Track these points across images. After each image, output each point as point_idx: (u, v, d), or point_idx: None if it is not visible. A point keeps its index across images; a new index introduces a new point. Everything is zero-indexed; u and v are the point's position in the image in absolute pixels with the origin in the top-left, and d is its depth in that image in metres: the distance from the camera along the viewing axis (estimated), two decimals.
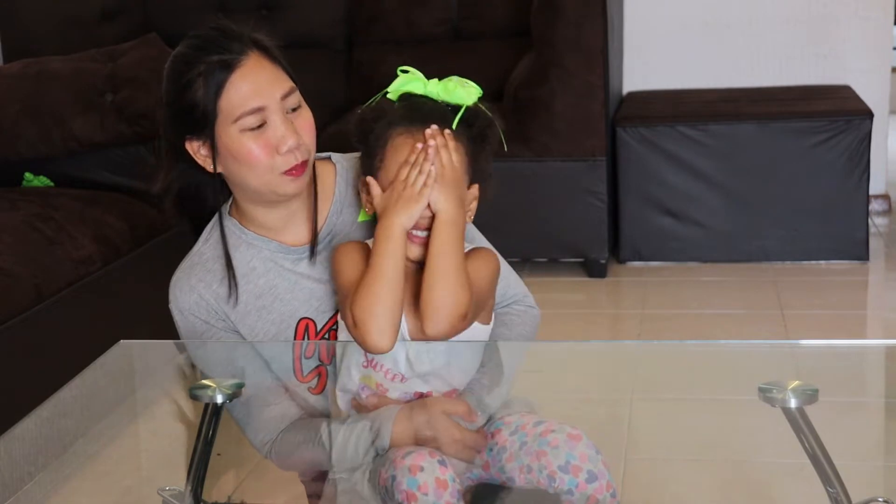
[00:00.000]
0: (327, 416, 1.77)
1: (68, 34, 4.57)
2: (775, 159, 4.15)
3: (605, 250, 4.14)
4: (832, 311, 3.74)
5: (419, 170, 1.61)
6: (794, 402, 1.49)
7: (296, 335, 1.78)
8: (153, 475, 2.06)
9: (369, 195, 1.68)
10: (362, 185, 1.72)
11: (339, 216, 1.81)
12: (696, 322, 3.71)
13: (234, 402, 1.69)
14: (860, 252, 4.17)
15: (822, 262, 4.19)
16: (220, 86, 1.66)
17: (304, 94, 1.74)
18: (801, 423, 1.50)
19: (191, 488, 1.65)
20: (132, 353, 1.97)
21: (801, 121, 4.14)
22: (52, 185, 3.39)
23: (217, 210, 1.81)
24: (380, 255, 1.60)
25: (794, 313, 3.69)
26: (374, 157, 1.67)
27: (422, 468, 1.52)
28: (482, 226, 1.84)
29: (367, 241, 1.71)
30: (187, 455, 1.67)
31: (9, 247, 2.77)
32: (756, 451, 2.28)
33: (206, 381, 1.68)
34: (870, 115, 4.12)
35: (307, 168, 1.73)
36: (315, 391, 1.79)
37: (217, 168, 1.72)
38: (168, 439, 2.03)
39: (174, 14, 4.68)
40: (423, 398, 1.67)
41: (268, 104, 1.68)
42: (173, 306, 1.78)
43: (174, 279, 1.79)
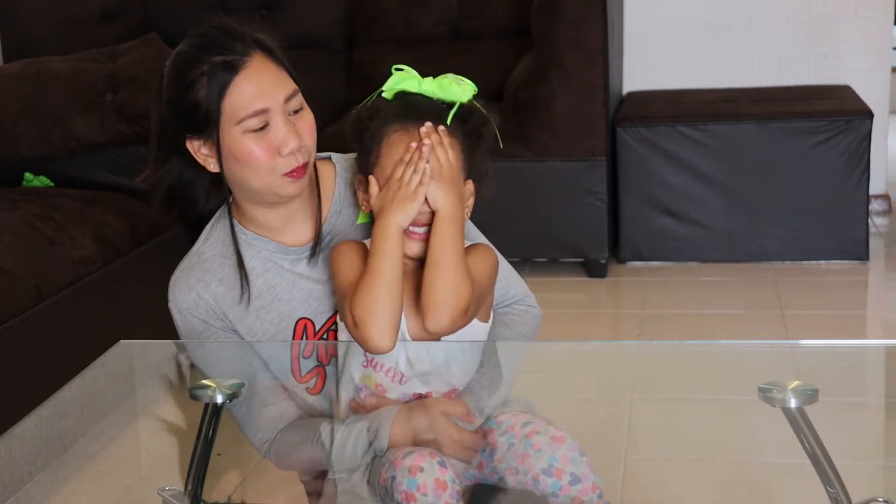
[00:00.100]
0: (326, 416, 1.77)
1: (68, 34, 4.57)
2: (775, 159, 4.15)
3: (605, 250, 4.14)
4: (832, 311, 3.73)
5: (413, 168, 1.61)
6: (794, 402, 1.49)
7: (294, 335, 1.78)
8: (153, 475, 2.06)
9: (366, 193, 1.68)
10: (358, 184, 1.72)
11: (339, 216, 1.81)
12: (696, 322, 3.71)
13: (234, 401, 1.69)
14: (860, 252, 4.17)
15: (822, 262, 4.19)
16: (223, 87, 1.66)
17: (304, 94, 1.74)
18: (801, 423, 1.50)
19: (191, 488, 1.65)
20: (132, 353, 1.97)
21: (801, 121, 4.13)
22: (52, 185, 3.39)
23: (204, 213, 1.81)
24: (378, 254, 1.60)
25: (794, 313, 3.68)
26: (370, 155, 1.67)
27: (421, 469, 1.52)
28: (481, 225, 1.84)
29: (364, 241, 1.71)
30: (187, 455, 1.67)
31: (9, 247, 2.77)
32: (756, 451, 2.28)
33: (206, 381, 1.68)
34: (870, 115, 4.12)
35: (308, 170, 1.73)
36: (313, 391, 1.79)
37: (218, 167, 1.72)
38: (168, 439, 2.03)
39: (174, 14, 4.67)
40: (421, 399, 1.67)
41: (271, 106, 1.68)
42: (172, 306, 1.78)
43: (173, 279, 1.79)
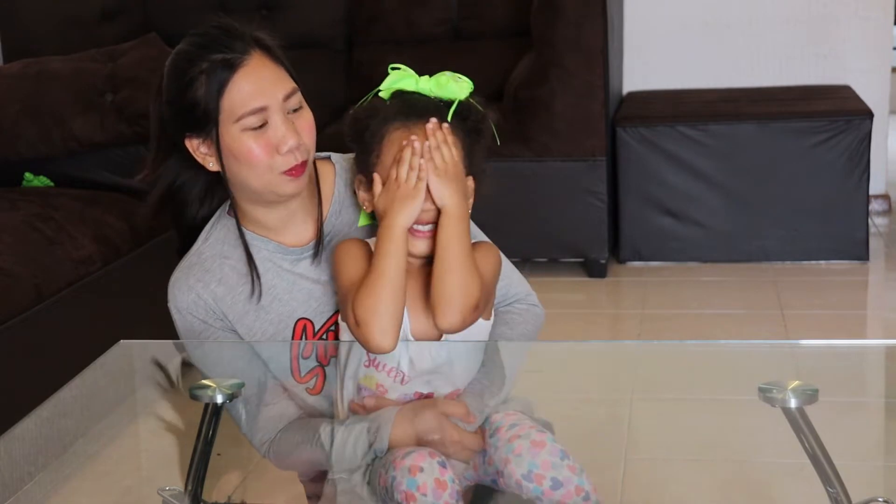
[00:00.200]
0: (326, 416, 1.77)
1: (68, 34, 4.57)
2: (775, 159, 4.15)
3: (605, 250, 4.14)
4: (832, 311, 3.73)
5: (410, 166, 1.61)
6: (794, 402, 1.49)
7: (294, 335, 1.78)
8: (153, 475, 2.06)
9: (366, 193, 1.68)
10: (358, 184, 1.72)
11: (339, 216, 1.81)
12: (696, 322, 3.70)
13: (234, 401, 1.69)
14: (860, 252, 4.16)
15: (822, 262, 4.19)
16: (222, 85, 1.66)
17: (304, 93, 1.74)
18: (801, 423, 1.50)
19: (191, 488, 1.65)
20: (132, 353, 1.97)
21: (801, 121, 4.13)
22: (52, 185, 3.39)
23: (195, 218, 1.81)
24: (382, 255, 1.61)
25: (794, 313, 3.68)
26: (370, 154, 1.67)
27: (421, 469, 1.51)
28: (482, 225, 1.84)
29: (366, 240, 1.71)
30: (187, 455, 1.67)
31: (9, 247, 2.77)
32: (756, 451, 2.28)
33: (206, 381, 1.68)
34: (870, 115, 4.12)
35: (306, 168, 1.72)
36: (313, 392, 1.79)
37: (217, 166, 1.72)
38: (168, 439, 2.03)
39: (174, 14, 4.67)
40: (422, 399, 1.67)
41: (269, 104, 1.68)
42: (172, 306, 1.78)
43: (173, 279, 1.79)
